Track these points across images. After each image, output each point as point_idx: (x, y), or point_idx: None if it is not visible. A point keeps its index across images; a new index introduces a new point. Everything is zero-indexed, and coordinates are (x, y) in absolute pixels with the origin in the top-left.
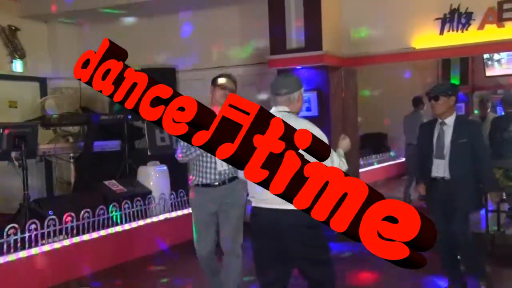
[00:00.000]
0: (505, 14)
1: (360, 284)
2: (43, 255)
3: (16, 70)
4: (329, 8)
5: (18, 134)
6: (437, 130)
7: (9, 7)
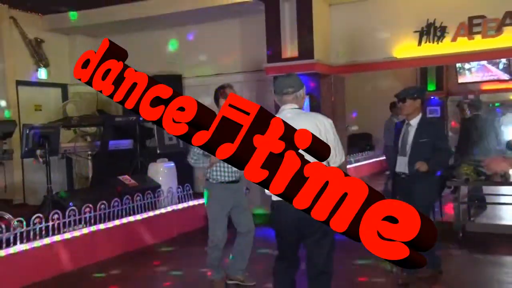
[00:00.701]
0: (474, 28)
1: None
2: (64, 242)
3: (41, 77)
4: (320, 21)
5: (42, 134)
6: (404, 130)
7: (35, 22)
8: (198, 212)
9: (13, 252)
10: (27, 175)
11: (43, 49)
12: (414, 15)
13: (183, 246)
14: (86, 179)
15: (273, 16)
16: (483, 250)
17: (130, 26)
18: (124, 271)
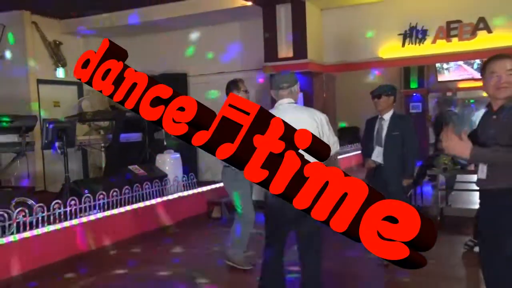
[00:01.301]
0: (452, 31)
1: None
2: (81, 225)
3: (59, 76)
4: (313, 24)
5: (60, 128)
6: (378, 124)
7: (54, 26)
8: (201, 199)
9: (36, 234)
10: (47, 165)
11: (61, 51)
12: (398, 19)
13: (188, 228)
14: (99, 169)
15: (270, 20)
16: (458, 232)
17: (139, 29)
18: (135, 250)
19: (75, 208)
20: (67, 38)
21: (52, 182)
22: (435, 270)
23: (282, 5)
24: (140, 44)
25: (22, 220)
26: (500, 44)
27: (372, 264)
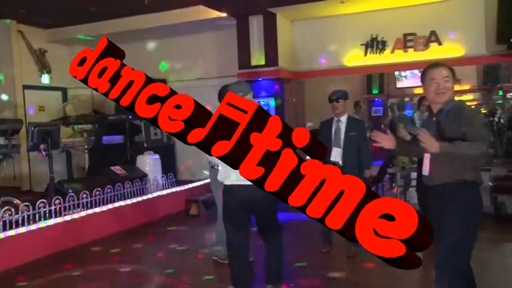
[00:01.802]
0: (408, 43)
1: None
2: (65, 223)
3: (44, 82)
4: (283, 34)
5: (45, 131)
6: (334, 125)
7: (40, 35)
8: (179, 197)
9: (21, 232)
10: (33, 166)
11: (46, 58)
12: (360, 31)
13: (167, 225)
14: (83, 170)
15: (244, 30)
16: None
17: (121, 37)
18: (117, 247)
19: (60, 207)
20: (51, 46)
21: (38, 183)
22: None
23: (254, 16)
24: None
25: (8, 219)
26: (449, 55)
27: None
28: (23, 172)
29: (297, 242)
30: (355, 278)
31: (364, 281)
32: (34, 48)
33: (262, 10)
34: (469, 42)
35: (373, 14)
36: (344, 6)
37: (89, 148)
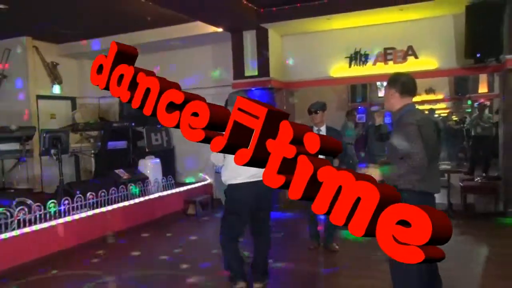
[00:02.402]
0: (388, 56)
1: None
2: (73, 222)
3: (55, 92)
4: (275, 48)
5: (55, 137)
6: None
7: (52, 49)
8: (178, 198)
9: (34, 229)
10: (44, 169)
11: (58, 70)
12: (345, 45)
13: (167, 224)
14: (90, 172)
15: (238, 44)
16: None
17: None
18: (120, 243)
19: (68, 206)
20: (63, 59)
21: (48, 184)
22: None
23: (248, 31)
24: None
25: (22, 218)
26: (424, 67)
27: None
28: (35, 175)
29: (285, 240)
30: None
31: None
32: (47, 62)
33: (255, 25)
34: (441, 56)
35: (357, 30)
36: (330, 22)
37: (95, 152)
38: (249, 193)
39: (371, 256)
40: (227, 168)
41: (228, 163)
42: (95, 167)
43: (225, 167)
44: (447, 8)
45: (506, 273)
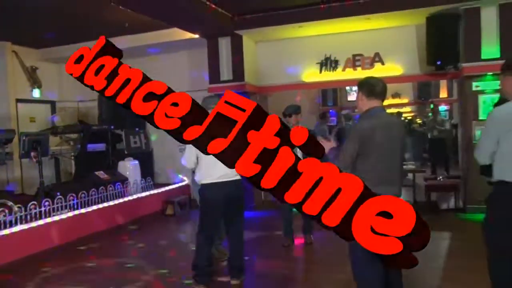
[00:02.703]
0: (356, 62)
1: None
2: (54, 223)
3: (35, 96)
4: (249, 54)
5: (35, 140)
6: None
7: (32, 54)
8: (157, 199)
9: (14, 231)
10: (25, 172)
11: (37, 74)
12: (316, 51)
13: (146, 224)
14: (70, 174)
15: (213, 49)
16: None
17: None
18: (100, 244)
19: (49, 208)
20: (42, 64)
21: (29, 186)
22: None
23: (223, 37)
24: None
25: (2, 219)
26: (390, 73)
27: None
28: (15, 177)
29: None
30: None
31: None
32: (27, 66)
33: (230, 32)
34: (406, 63)
35: (327, 37)
36: (301, 30)
37: (75, 155)
38: (220, 193)
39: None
40: (200, 168)
41: (201, 163)
42: (75, 169)
43: (198, 167)
44: (410, 18)
45: (468, 265)
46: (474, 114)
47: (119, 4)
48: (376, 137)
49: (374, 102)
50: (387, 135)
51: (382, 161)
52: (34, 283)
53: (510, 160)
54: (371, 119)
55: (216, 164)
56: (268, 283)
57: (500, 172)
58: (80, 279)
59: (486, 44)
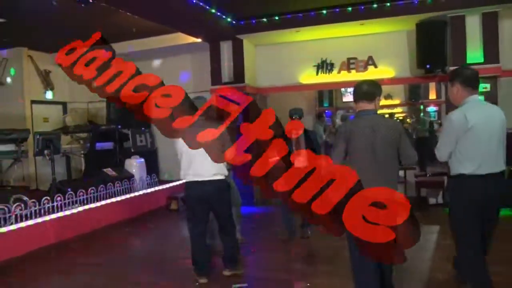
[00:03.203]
0: (351, 65)
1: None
2: (65, 217)
3: (48, 98)
4: (249, 57)
5: (48, 139)
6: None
7: (45, 58)
8: (161, 195)
9: (30, 224)
10: (39, 169)
11: (50, 77)
12: (313, 55)
13: (152, 218)
14: (80, 171)
15: (215, 53)
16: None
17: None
18: (109, 237)
19: (61, 203)
20: (55, 67)
21: (42, 182)
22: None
23: (225, 41)
24: None
25: (19, 213)
26: (383, 76)
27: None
28: (30, 174)
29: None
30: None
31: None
32: (41, 70)
33: (231, 36)
34: (397, 66)
35: (323, 41)
36: (299, 34)
37: (84, 153)
38: (198, 192)
39: (342, 243)
40: (181, 166)
41: (181, 162)
42: (84, 166)
43: (180, 165)
44: (401, 24)
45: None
46: None
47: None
48: (357, 138)
49: (360, 105)
50: (371, 136)
51: (363, 161)
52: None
53: (466, 156)
54: (355, 120)
55: (192, 164)
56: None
57: (458, 166)
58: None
59: (470, 49)
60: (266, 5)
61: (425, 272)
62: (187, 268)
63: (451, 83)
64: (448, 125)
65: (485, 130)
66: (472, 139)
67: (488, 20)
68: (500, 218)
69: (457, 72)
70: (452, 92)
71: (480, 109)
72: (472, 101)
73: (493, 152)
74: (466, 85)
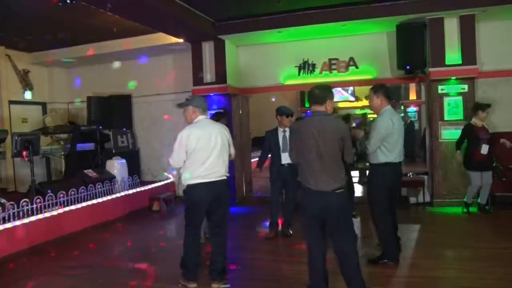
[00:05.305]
0: (332, 66)
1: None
2: (45, 219)
3: (27, 98)
4: (231, 57)
5: (27, 140)
6: (281, 135)
7: (24, 57)
8: (143, 195)
9: (7, 227)
10: (17, 170)
11: (29, 77)
12: (294, 55)
13: (134, 219)
14: (60, 173)
15: (197, 53)
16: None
17: (94, 60)
18: (89, 240)
19: (40, 205)
20: (34, 67)
21: (21, 184)
22: None
23: (206, 42)
24: (95, 71)
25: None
26: (363, 76)
27: None
28: (8, 175)
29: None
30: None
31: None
32: (19, 69)
33: (213, 37)
34: (378, 67)
35: (305, 42)
36: (280, 35)
37: (65, 154)
38: (207, 193)
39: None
40: (187, 167)
41: (188, 162)
42: (65, 167)
43: (185, 165)
44: (381, 26)
45: (432, 254)
46: (440, 115)
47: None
48: (304, 136)
49: (313, 107)
50: (316, 135)
51: (309, 156)
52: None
53: (389, 149)
54: (305, 120)
55: (205, 163)
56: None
57: (383, 156)
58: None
59: (449, 51)
60: (248, 6)
61: (403, 269)
62: (172, 270)
63: (376, 95)
64: (380, 127)
65: (400, 131)
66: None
67: (466, 22)
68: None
69: (381, 86)
70: (377, 102)
71: (396, 115)
72: (390, 110)
73: (400, 147)
74: (387, 96)
